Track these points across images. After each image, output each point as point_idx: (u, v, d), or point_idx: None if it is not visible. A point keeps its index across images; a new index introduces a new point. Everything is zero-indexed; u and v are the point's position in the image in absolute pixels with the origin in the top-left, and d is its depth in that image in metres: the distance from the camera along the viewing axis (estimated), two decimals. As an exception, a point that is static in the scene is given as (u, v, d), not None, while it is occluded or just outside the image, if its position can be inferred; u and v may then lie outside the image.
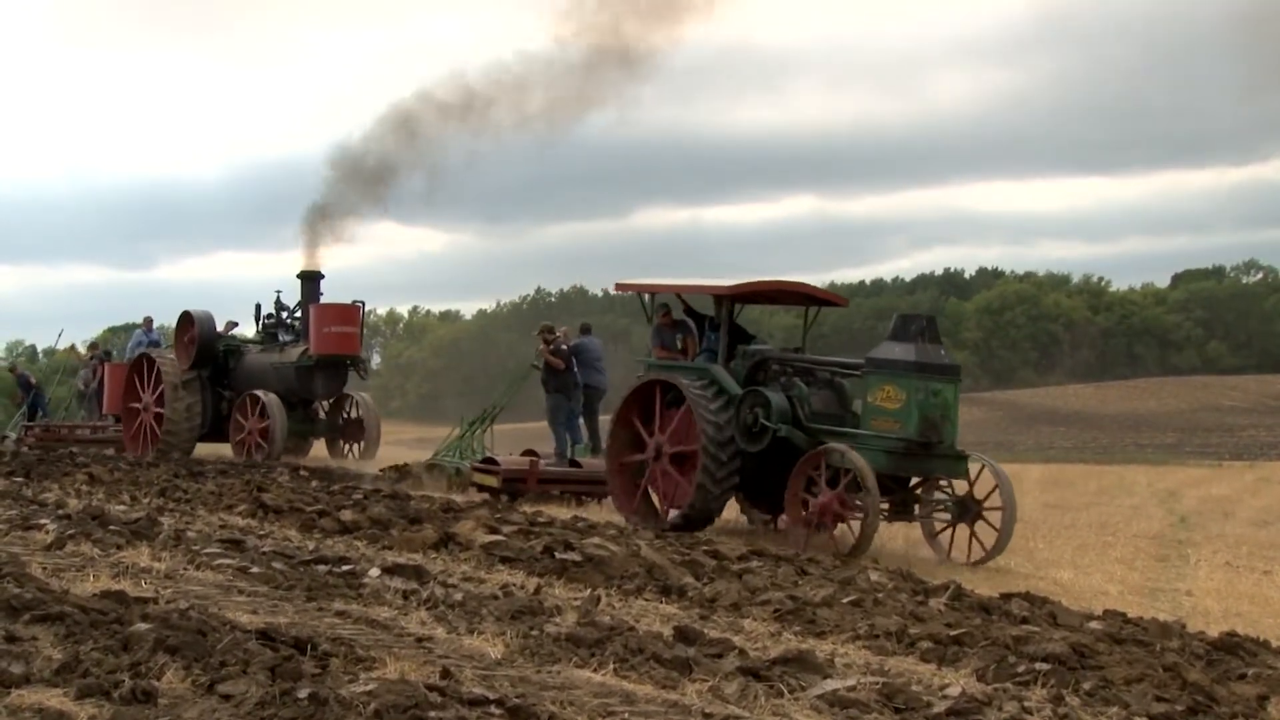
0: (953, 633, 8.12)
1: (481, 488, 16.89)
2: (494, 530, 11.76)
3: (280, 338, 23.43)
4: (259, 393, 22.20)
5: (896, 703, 6.25)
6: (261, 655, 6.03)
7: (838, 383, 14.14)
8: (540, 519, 13.34)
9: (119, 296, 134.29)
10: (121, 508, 13.16)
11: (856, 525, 12.87)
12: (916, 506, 13.61)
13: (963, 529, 13.42)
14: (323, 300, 23.08)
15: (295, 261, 25.37)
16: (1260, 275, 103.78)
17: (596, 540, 11.26)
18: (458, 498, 15.88)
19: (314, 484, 17.12)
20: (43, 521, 11.60)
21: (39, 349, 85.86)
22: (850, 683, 6.53)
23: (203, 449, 23.76)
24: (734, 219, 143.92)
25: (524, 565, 10.24)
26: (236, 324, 25.08)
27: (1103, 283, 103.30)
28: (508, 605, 8.22)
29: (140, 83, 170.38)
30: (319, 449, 24.09)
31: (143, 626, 6.50)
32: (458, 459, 18.63)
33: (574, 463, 17.56)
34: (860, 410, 13.43)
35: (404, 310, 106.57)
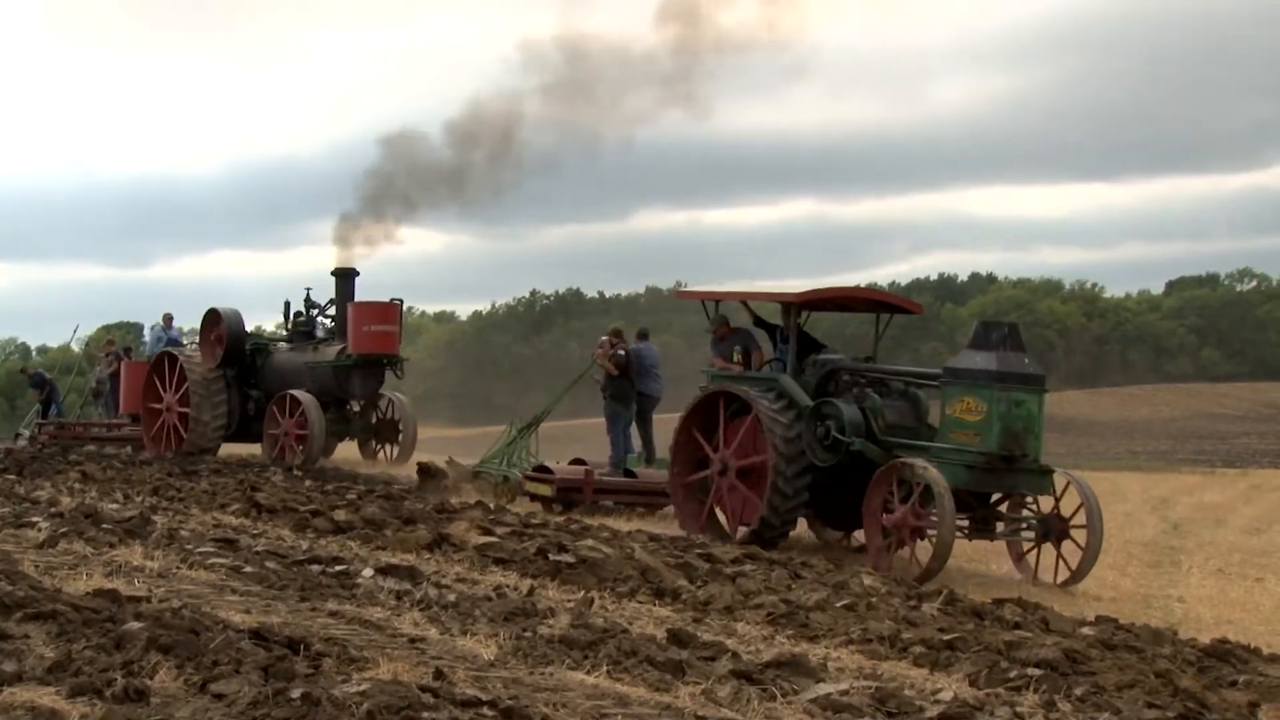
0: (945, 637, 8.13)
1: (534, 496, 16.26)
2: (487, 532, 11.76)
3: (315, 335, 22.70)
4: (295, 393, 21.44)
5: (889, 707, 6.26)
6: (254, 655, 6.03)
7: (912, 393, 13.53)
8: (534, 521, 13.34)
9: (114, 295, 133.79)
10: (114, 506, 13.15)
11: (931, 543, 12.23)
12: (999, 524, 12.94)
13: (1047, 548, 12.76)
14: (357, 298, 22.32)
15: (292, 259, 25.18)
16: (1254, 283, 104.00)
17: (590, 542, 11.26)
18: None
19: (307, 483, 17.10)
20: (35, 519, 11.59)
21: (32, 347, 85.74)
22: (843, 686, 6.54)
23: (233, 449, 23.24)
24: (733, 222, 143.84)
25: (517, 567, 10.24)
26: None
27: (1096, 289, 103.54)
28: (501, 607, 8.23)
29: (139, 81, 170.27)
30: (344, 450, 23.21)
31: (135, 625, 6.49)
32: (505, 466, 17.74)
33: (628, 472, 16.84)
34: (938, 422, 12.84)
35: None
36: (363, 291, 23.09)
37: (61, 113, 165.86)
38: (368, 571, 9.44)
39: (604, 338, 17.89)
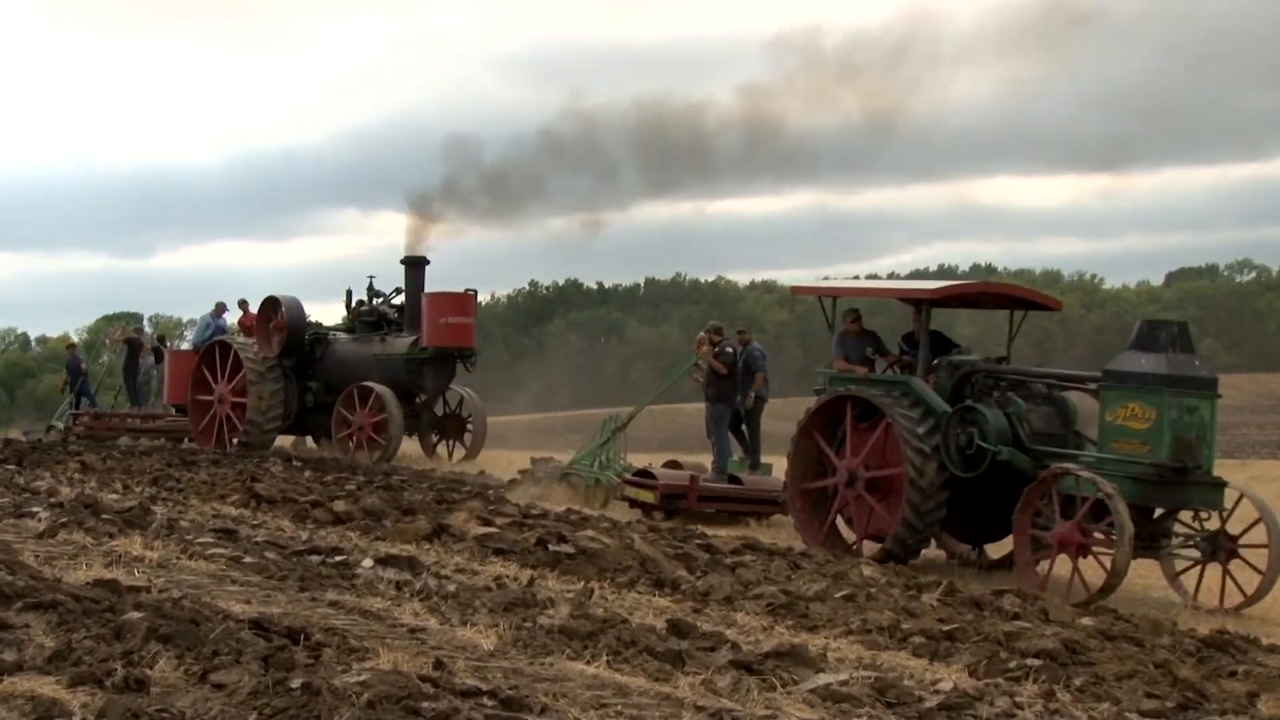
0: (945, 628, 8.14)
1: (634, 503, 15.41)
2: (487, 522, 11.77)
3: (382, 325, 22.20)
4: (373, 385, 20.87)
5: (888, 697, 6.27)
6: (254, 645, 6.04)
7: (1057, 397, 12.59)
8: (534, 511, 13.35)
9: (115, 285, 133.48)
10: (114, 496, 13.15)
11: (1093, 561, 11.26)
12: (1164, 541, 11.84)
13: (1210, 567, 11.68)
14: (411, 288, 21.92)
15: (294, 250, 24.91)
16: (1253, 274, 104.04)
17: (590, 533, 11.28)
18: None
19: (307, 474, 17.12)
20: (35, 509, 11.61)
21: (31, 337, 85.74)
22: (842, 677, 6.54)
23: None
24: (737, 212, 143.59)
25: (517, 557, 10.25)
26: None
27: (1096, 280, 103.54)
28: (501, 597, 8.23)
29: (140, 70, 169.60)
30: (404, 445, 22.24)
31: (135, 615, 6.50)
32: (597, 469, 16.79)
33: (733, 478, 16.00)
34: (1097, 429, 11.82)
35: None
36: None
37: (62, 101, 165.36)
38: (367, 562, 9.45)
39: (702, 334, 16.95)
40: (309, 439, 23.78)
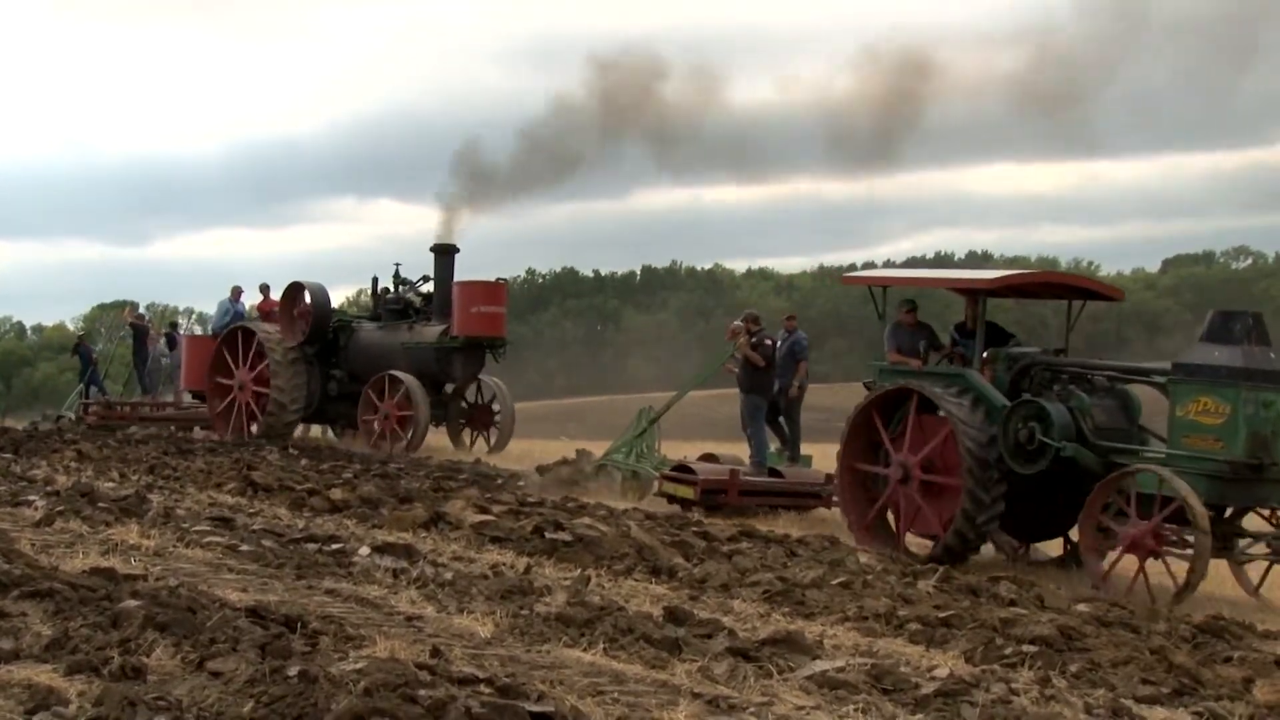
0: (941, 615, 8.16)
1: (672, 498, 14.81)
2: (484, 510, 11.78)
3: (409, 314, 21.96)
4: (398, 374, 20.60)
5: (885, 684, 6.28)
6: (251, 633, 6.04)
7: (1119, 390, 12.11)
8: (530, 499, 13.35)
9: (112, 273, 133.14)
10: (110, 485, 13.14)
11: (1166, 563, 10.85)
12: (1235, 541, 11.37)
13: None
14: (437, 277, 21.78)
15: (292, 238, 24.59)
16: (1250, 261, 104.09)
17: (587, 520, 11.28)
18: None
19: (303, 462, 17.12)
20: (31, 498, 11.61)
21: (28, 326, 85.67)
22: (839, 664, 6.56)
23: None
24: (734, 199, 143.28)
25: (514, 545, 10.26)
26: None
27: (1092, 266, 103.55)
28: (498, 585, 8.24)
29: (138, 57, 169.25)
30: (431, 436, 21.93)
31: (132, 603, 6.50)
32: (633, 461, 16.26)
33: (774, 471, 15.47)
34: (1167, 424, 11.34)
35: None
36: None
37: (61, 89, 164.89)
38: (364, 550, 9.45)
39: (737, 323, 16.30)
40: (306, 428, 23.72)
